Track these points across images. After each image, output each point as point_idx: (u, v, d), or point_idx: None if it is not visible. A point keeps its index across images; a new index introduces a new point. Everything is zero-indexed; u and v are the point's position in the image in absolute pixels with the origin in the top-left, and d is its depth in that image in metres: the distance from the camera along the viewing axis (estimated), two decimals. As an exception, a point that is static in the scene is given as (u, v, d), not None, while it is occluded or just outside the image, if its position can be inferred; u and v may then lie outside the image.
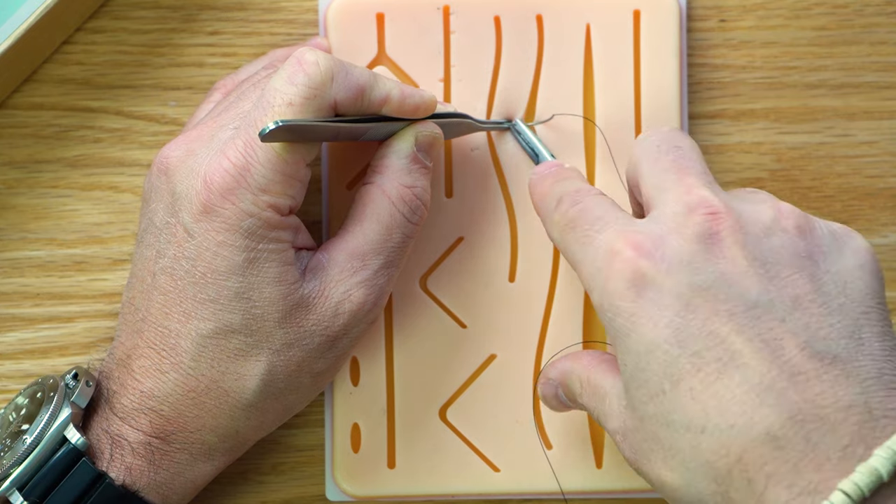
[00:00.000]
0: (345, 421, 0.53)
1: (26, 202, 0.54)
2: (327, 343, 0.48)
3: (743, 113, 0.55)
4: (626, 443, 0.43)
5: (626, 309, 0.42)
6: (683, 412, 0.40)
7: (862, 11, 0.55)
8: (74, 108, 0.54)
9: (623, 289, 0.42)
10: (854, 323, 0.40)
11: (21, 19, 0.50)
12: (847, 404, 0.38)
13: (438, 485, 0.53)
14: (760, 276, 0.41)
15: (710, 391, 0.40)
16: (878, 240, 0.55)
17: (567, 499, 0.54)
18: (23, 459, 0.46)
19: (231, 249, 0.46)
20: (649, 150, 0.46)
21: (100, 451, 0.47)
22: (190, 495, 0.49)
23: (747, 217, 0.43)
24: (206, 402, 0.47)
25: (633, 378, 0.42)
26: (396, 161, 0.49)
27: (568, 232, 0.46)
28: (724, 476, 0.39)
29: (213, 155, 0.46)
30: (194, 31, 0.54)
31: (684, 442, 0.40)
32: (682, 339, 0.40)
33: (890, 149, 0.55)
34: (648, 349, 0.41)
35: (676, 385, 0.40)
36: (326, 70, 0.46)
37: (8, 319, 0.54)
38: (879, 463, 0.37)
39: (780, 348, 0.39)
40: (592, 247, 0.44)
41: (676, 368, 0.40)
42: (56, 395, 0.47)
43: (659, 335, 0.41)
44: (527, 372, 0.53)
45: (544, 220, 0.48)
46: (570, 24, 0.53)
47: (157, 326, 0.47)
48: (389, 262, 0.48)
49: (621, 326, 0.42)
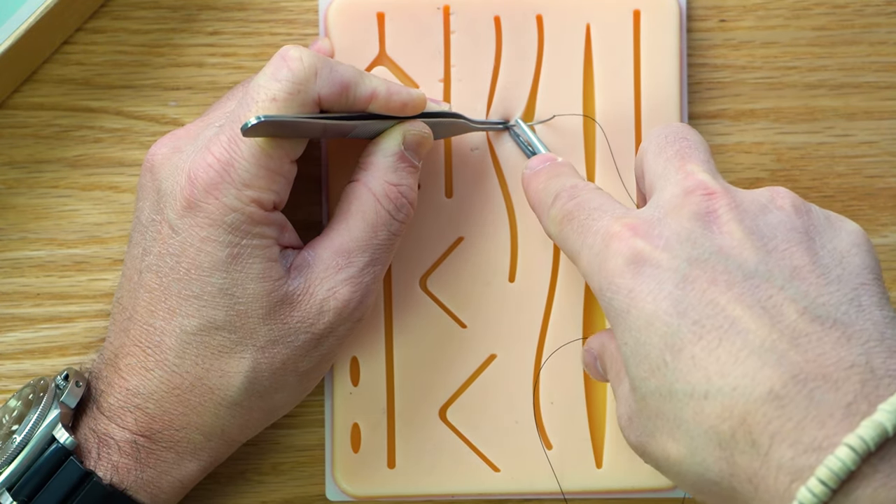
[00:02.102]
0: (345, 421, 0.53)
1: (26, 202, 0.54)
2: (312, 341, 0.48)
3: (743, 113, 0.55)
4: (631, 428, 0.43)
5: (625, 286, 0.42)
6: (686, 380, 0.40)
7: (862, 11, 0.55)
8: (74, 108, 0.54)
9: (621, 266, 0.42)
10: (853, 291, 0.41)
11: (21, 19, 0.50)
12: (849, 364, 0.38)
13: (438, 485, 0.53)
14: (758, 249, 0.41)
15: (711, 357, 0.40)
16: (879, 240, 0.55)
17: (567, 499, 0.54)
18: (11, 460, 0.46)
19: (214, 245, 0.46)
20: (656, 140, 0.47)
21: (87, 451, 0.47)
22: (178, 494, 0.49)
23: (743, 197, 0.43)
24: (190, 400, 0.47)
25: (634, 354, 0.42)
26: (383, 159, 0.49)
27: (565, 224, 0.46)
28: (729, 439, 0.39)
29: (198, 151, 0.47)
30: (194, 31, 0.54)
31: (688, 410, 0.40)
32: (682, 310, 0.41)
33: (890, 149, 0.55)
34: (648, 322, 0.41)
35: (678, 354, 0.40)
36: (310, 66, 0.46)
37: (8, 319, 0.54)
38: (884, 417, 0.37)
39: (779, 314, 0.40)
40: (591, 233, 0.44)
41: (678, 338, 0.40)
42: (46, 395, 0.48)
43: (658, 307, 0.41)
44: (527, 372, 0.53)
45: (541, 217, 0.48)
46: (570, 24, 0.53)
47: (143, 324, 0.47)
48: (375, 260, 0.48)
49: (620, 304, 0.42)
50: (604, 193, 0.47)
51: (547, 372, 0.53)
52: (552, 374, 0.53)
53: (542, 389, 0.53)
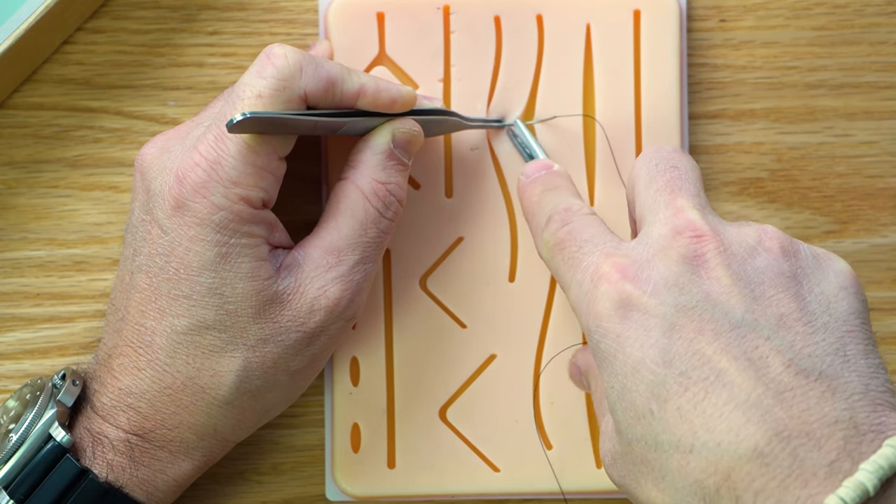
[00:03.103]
0: (345, 421, 0.53)
1: (26, 202, 0.54)
2: (304, 340, 0.48)
3: (743, 113, 0.55)
4: (615, 467, 0.43)
5: (612, 330, 0.42)
6: (672, 432, 0.40)
7: (862, 11, 0.55)
8: (74, 108, 0.54)
9: (609, 310, 0.42)
10: (839, 341, 0.40)
11: (21, 19, 0.50)
12: (833, 420, 0.38)
13: (438, 485, 0.53)
14: (745, 296, 0.41)
15: (697, 410, 0.39)
16: (878, 240, 0.55)
17: (567, 499, 0.54)
18: (8, 458, 0.47)
19: (203, 244, 0.46)
20: (646, 168, 0.46)
21: (83, 449, 0.47)
22: (174, 493, 0.49)
23: (732, 239, 0.43)
24: (182, 399, 0.47)
25: (621, 400, 0.41)
26: (371, 157, 0.49)
27: (557, 253, 0.46)
28: (713, 495, 0.39)
29: (186, 151, 0.47)
30: (194, 31, 0.54)
31: (673, 462, 0.40)
32: (669, 359, 0.40)
33: (890, 149, 0.55)
34: (635, 369, 0.41)
35: (664, 405, 0.40)
36: (295, 62, 0.46)
37: (8, 319, 0.54)
38: (865, 477, 0.37)
39: (765, 366, 0.39)
40: (580, 269, 0.44)
41: (664, 389, 0.40)
42: (42, 394, 0.48)
43: (646, 355, 0.41)
44: (527, 372, 0.53)
45: (534, 235, 0.48)
46: (570, 24, 0.53)
47: (135, 325, 0.47)
48: (365, 258, 0.48)
49: (608, 348, 0.42)
50: (596, 221, 0.46)
51: (547, 372, 0.53)
52: (552, 375, 0.53)
53: (542, 389, 0.53)
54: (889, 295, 0.55)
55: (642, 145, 0.53)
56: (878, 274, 0.55)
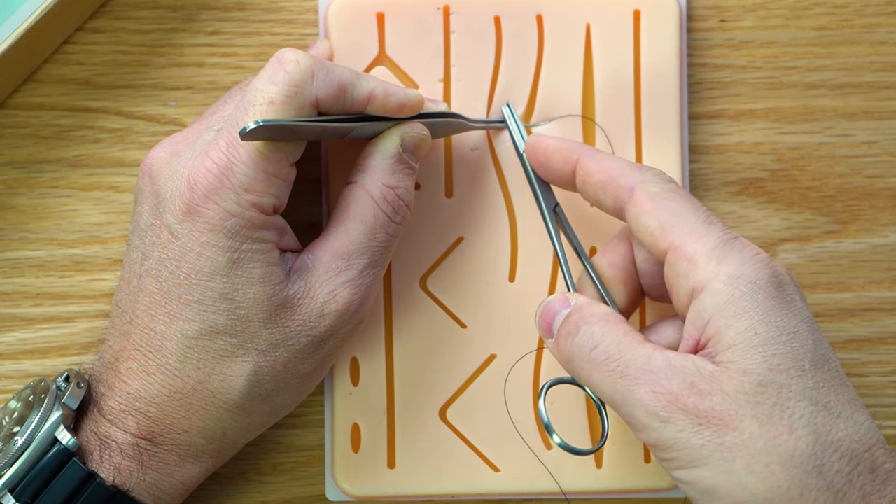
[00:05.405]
0: (345, 421, 0.53)
1: (26, 202, 0.54)
2: (314, 344, 0.48)
3: (743, 113, 0.55)
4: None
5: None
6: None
7: (862, 11, 0.55)
8: (74, 108, 0.54)
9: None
10: None
11: (21, 19, 0.50)
12: None
13: (438, 485, 0.53)
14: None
15: None
16: (878, 240, 0.55)
17: (568, 499, 0.54)
18: (14, 461, 0.46)
19: (215, 250, 0.46)
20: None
21: (89, 453, 0.47)
22: (181, 496, 0.49)
23: None
24: (192, 404, 0.47)
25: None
26: (380, 161, 0.49)
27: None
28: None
29: (197, 156, 0.46)
30: (194, 31, 0.54)
31: None
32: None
33: (890, 149, 0.55)
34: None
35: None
36: (306, 68, 0.46)
37: (8, 319, 0.54)
38: None
39: None
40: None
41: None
42: (47, 397, 0.48)
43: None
44: (527, 372, 0.53)
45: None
46: (570, 24, 0.53)
47: (144, 329, 0.47)
48: (374, 262, 0.48)
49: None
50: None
51: (547, 372, 0.53)
52: (552, 375, 0.53)
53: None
54: (889, 295, 0.55)
55: (642, 145, 0.53)
56: (878, 274, 0.55)
